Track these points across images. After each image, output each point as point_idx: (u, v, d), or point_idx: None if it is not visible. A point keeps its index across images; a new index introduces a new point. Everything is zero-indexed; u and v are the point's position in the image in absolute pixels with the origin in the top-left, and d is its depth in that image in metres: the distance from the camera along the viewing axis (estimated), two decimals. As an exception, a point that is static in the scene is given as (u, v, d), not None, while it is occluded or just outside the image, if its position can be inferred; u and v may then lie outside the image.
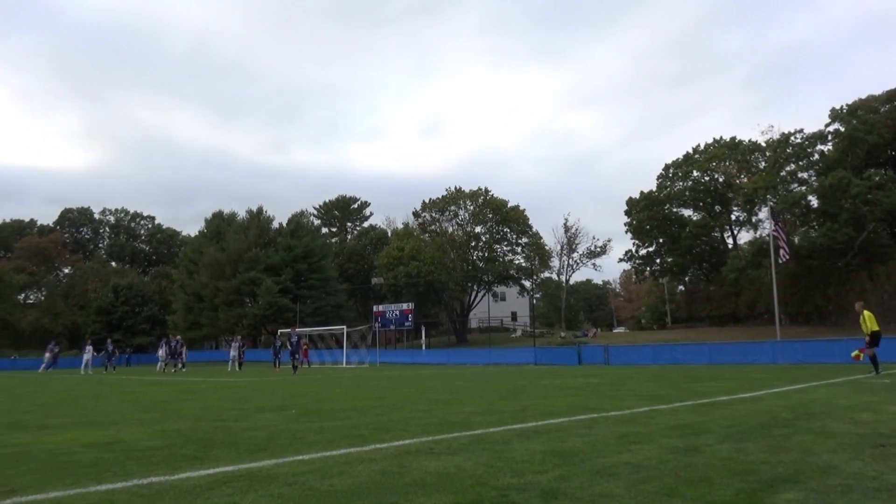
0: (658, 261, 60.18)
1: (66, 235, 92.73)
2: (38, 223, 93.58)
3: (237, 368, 33.38)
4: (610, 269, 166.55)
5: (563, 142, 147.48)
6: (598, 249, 64.22)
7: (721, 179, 55.32)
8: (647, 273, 62.74)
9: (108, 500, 3.80)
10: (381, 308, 47.72)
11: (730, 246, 56.24)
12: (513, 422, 7.41)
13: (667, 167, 58.33)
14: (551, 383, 15.53)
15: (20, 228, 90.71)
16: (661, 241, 58.65)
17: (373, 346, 43.32)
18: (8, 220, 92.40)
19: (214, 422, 8.13)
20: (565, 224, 64.76)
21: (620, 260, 65.29)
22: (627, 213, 58.99)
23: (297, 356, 28.97)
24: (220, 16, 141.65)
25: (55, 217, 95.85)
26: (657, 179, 58.49)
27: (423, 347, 47.95)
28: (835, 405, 8.86)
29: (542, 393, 12.34)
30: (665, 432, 6.27)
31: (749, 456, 4.94)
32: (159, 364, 34.78)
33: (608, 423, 7.25)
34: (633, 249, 60.28)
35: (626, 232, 59.79)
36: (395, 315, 46.40)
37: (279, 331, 38.23)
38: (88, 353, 35.96)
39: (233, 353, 34.94)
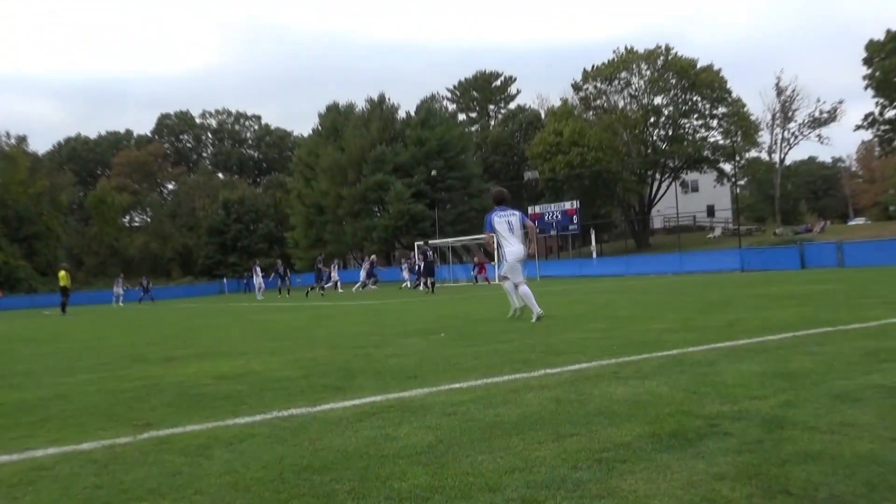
0: (914, 125, 55.42)
1: (166, 146, 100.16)
2: (135, 133, 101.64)
3: (373, 287, 35.20)
4: (842, 142, 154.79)
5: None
6: (826, 116, 60.07)
7: None
8: (896, 143, 58.15)
9: (249, 434, 4.21)
10: (538, 209, 47.79)
11: None
12: (718, 339, 7.29)
13: (925, -8, 52.55)
14: (766, 292, 15.04)
15: (116, 141, 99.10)
16: (917, 96, 53.69)
17: (530, 256, 43.79)
18: (104, 132, 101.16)
19: (353, 349, 8.67)
20: (777, 85, 60.91)
21: (858, 127, 61.07)
22: (867, 61, 54.30)
23: (431, 277, 30.03)
24: None
25: (152, 125, 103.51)
26: (911, 11, 52.99)
27: (594, 255, 47.81)
28: None
29: (755, 304, 12.01)
30: (930, 347, 5.92)
31: None
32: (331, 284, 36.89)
33: (848, 337, 6.95)
34: (877, 111, 55.90)
35: (867, 88, 55.43)
36: (556, 217, 46.31)
37: (416, 243, 39.55)
38: (259, 277, 39.33)
39: (363, 274, 36.82)
